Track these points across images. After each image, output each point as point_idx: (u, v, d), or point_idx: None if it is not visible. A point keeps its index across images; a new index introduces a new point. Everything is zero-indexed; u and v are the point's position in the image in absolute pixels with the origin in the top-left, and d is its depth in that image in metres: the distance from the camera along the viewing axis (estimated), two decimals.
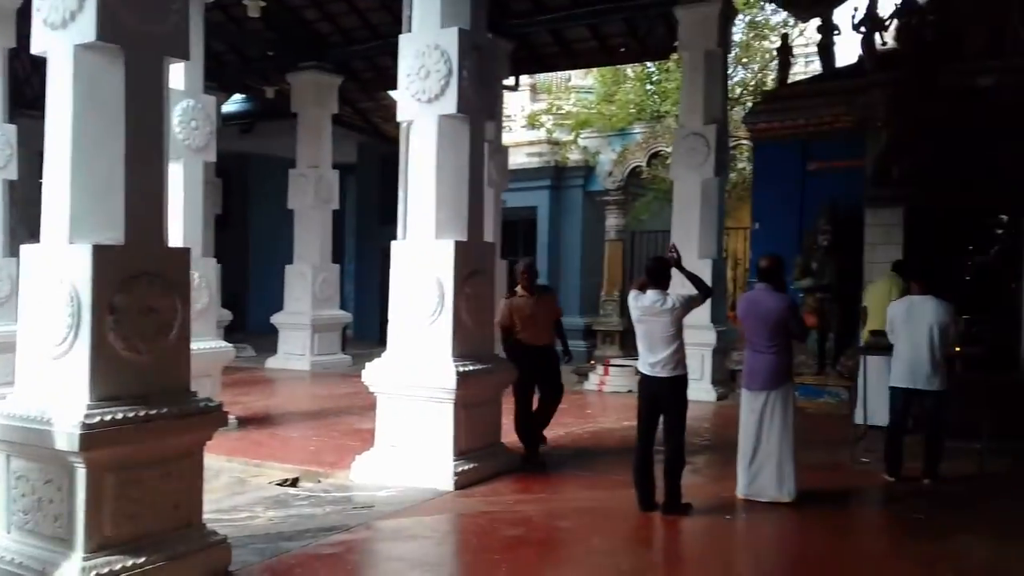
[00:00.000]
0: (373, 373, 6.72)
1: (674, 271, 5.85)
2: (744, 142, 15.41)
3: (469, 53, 6.47)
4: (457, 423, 6.37)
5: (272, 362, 13.97)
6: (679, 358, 5.70)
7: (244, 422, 8.66)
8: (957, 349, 7.09)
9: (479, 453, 6.57)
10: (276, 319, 14.23)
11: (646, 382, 5.76)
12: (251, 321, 18.16)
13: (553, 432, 7.82)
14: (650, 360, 5.70)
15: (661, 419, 5.74)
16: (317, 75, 13.93)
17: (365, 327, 16.97)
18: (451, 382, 6.26)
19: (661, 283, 5.76)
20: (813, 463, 6.69)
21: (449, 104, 6.44)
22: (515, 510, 5.81)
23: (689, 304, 5.77)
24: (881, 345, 7.48)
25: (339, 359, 14.05)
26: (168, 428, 4.12)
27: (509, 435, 7.09)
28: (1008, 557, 4.77)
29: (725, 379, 10.79)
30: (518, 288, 7.40)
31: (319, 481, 6.58)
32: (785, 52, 11.44)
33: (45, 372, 4.04)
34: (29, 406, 3.98)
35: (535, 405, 7.30)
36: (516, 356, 7.16)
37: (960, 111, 9.29)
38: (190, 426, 4.27)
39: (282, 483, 6.52)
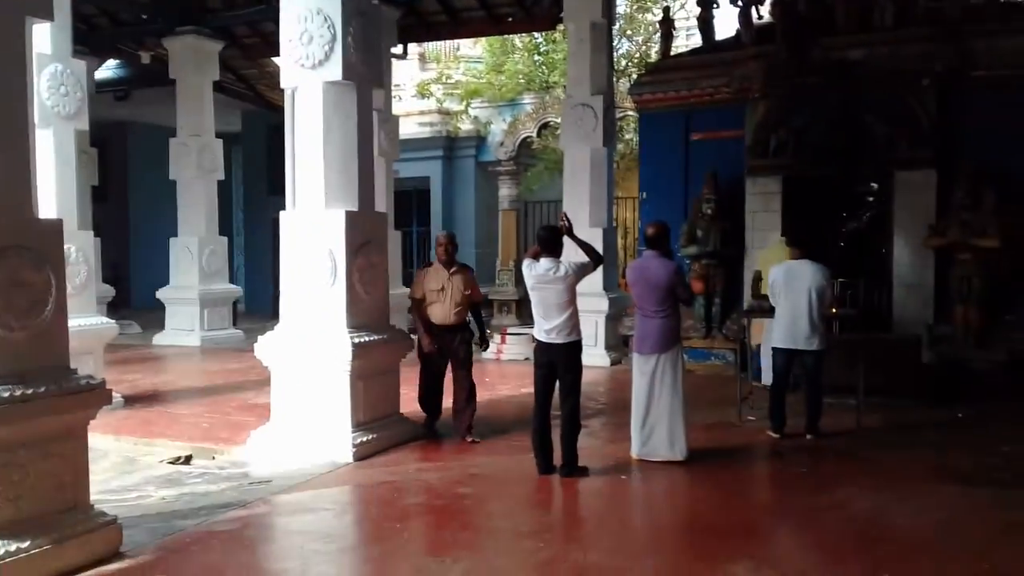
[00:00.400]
0: (266, 346, 6.60)
1: (567, 239, 5.95)
2: (631, 113, 15.70)
3: (354, 18, 6.37)
4: (354, 394, 6.34)
5: (159, 339, 13.48)
6: (573, 324, 5.81)
7: (131, 400, 8.35)
8: (833, 311, 7.49)
9: (378, 424, 6.55)
10: (162, 294, 13.72)
11: (542, 348, 5.85)
12: (136, 297, 17.48)
13: (448, 400, 7.89)
14: (545, 327, 5.79)
15: (557, 384, 5.86)
16: (196, 40, 13.38)
17: (257, 301, 16.58)
18: (347, 353, 6.21)
19: (554, 251, 5.85)
20: (702, 422, 6.99)
21: (334, 70, 6.33)
22: (416, 479, 5.83)
23: (582, 271, 5.88)
24: (764, 308, 7.82)
25: (230, 334, 13.68)
26: (47, 407, 3.96)
27: (411, 404, 7.08)
28: (887, 504, 5.06)
29: (618, 344, 11.05)
30: (434, 259, 7.14)
31: (213, 458, 6.43)
32: (667, 24, 11.66)
33: None
34: None
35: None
36: (425, 331, 6.90)
37: (832, 83, 9.73)
38: (71, 405, 4.10)
39: (174, 461, 6.34)
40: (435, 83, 17.20)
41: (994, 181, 8.96)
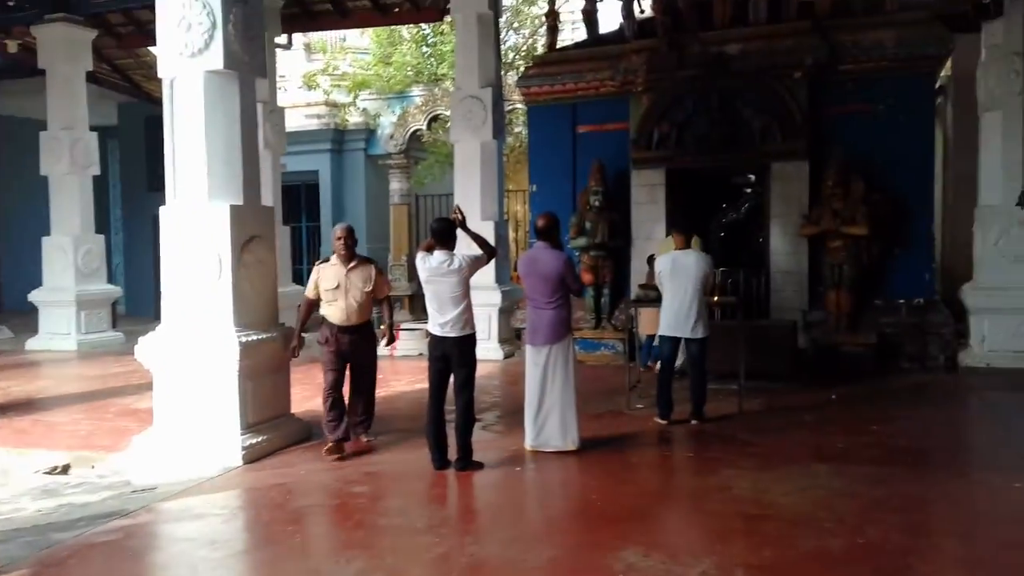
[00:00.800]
0: (148, 348, 6.37)
1: (460, 233, 5.96)
2: (519, 106, 15.82)
3: (234, 5, 6.20)
4: (243, 395, 6.19)
5: (33, 343, 12.77)
6: (467, 318, 5.83)
7: (3, 409, 7.91)
8: (715, 299, 7.77)
9: (268, 425, 6.42)
10: (35, 296, 12.99)
11: (436, 342, 5.85)
12: (6, 300, 16.49)
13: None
14: (440, 320, 5.79)
15: (451, 378, 5.87)
16: (67, 28, 12.69)
17: (138, 302, 15.92)
18: (234, 353, 6.06)
19: (448, 244, 5.85)
20: (594, 412, 7.15)
21: (215, 59, 6.16)
22: (309, 480, 5.74)
23: (475, 264, 5.91)
24: (650, 297, 8.04)
25: (110, 337, 13.09)
26: None
27: (302, 404, 6.95)
28: (767, 484, 5.28)
29: (511, 338, 11.14)
30: (332, 255, 6.46)
31: (93, 467, 6.14)
32: (553, 17, 11.80)
33: None
34: None
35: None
36: (297, 333, 6.49)
37: (711, 77, 10.06)
38: None
39: (51, 471, 6.03)
40: (321, 74, 16.88)
41: (861, 170, 9.47)
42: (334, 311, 6.32)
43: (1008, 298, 9.12)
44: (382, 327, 6.84)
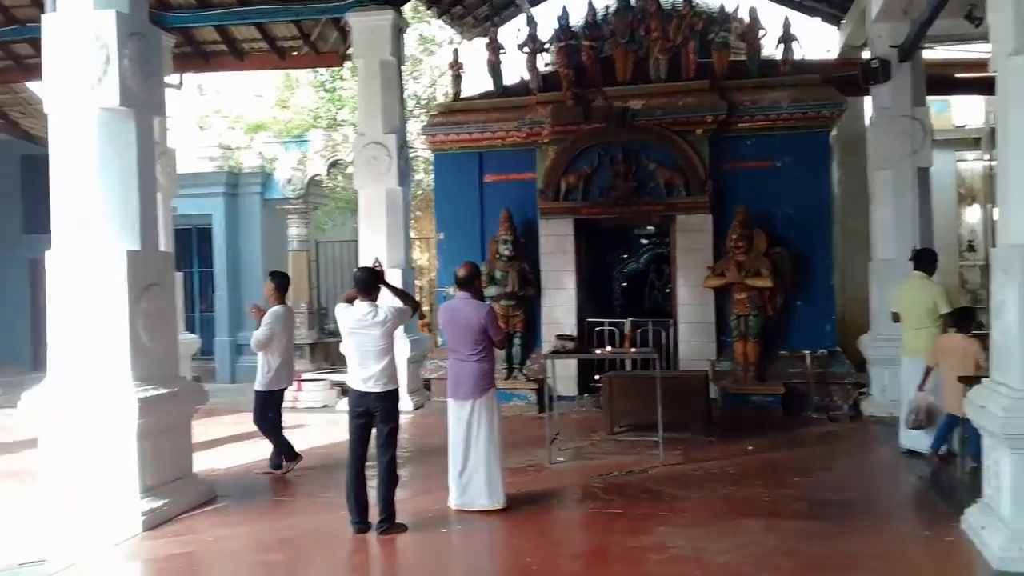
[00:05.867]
0: (34, 404, 5.81)
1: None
2: (421, 154, 15.70)
3: (130, 39, 5.86)
4: (142, 456, 5.71)
5: None
6: (392, 372, 5.59)
7: None
8: (632, 350, 7.74)
9: (169, 487, 5.94)
10: None
11: (357, 397, 5.56)
12: None
13: (244, 455, 7.36)
14: (362, 375, 5.52)
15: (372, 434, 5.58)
16: None
17: (12, 351, 14.71)
18: (133, 410, 5.60)
19: (371, 294, 5.61)
20: (514, 466, 6.93)
21: (110, 96, 5.79)
22: (217, 548, 5.32)
23: (400, 316, 5.70)
24: (567, 348, 7.96)
25: None
26: None
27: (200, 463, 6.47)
28: (702, 542, 5.16)
29: (420, 388, 10.85)
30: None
31: None
32: (457, 66, 11.79)
33: None
34: None
35: None
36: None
37: (616, 130, 10.22)
38: None
39: None
40: (216, 114, 16.32)
41: (763, 224, 9.74)
42: None
43: None
44: None
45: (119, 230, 5.95)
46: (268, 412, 7.26)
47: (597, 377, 9.44)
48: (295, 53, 13.35)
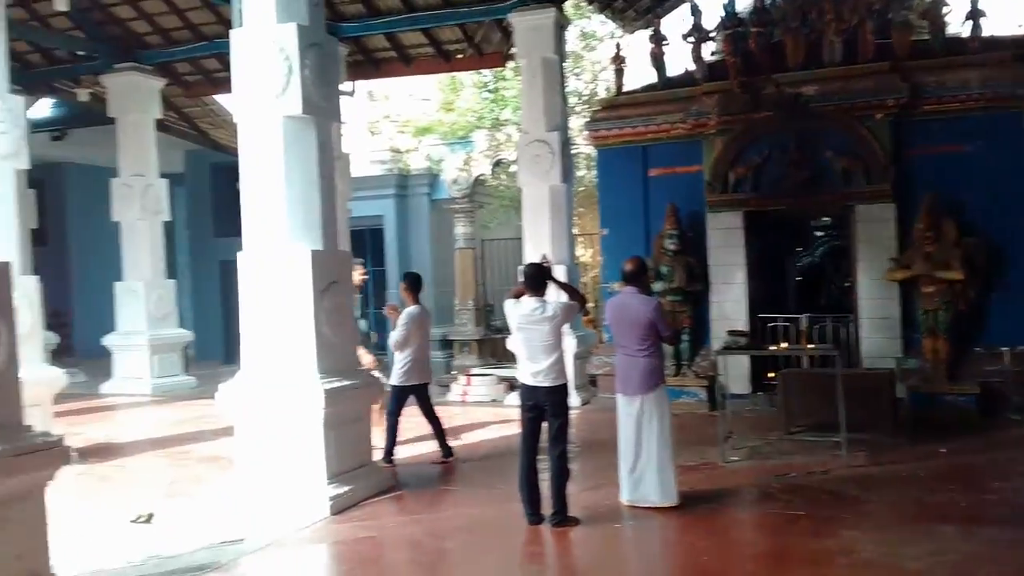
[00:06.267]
0: (229, 396, 6.21)
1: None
2: (582, 151, 15.68)
3: (309, 50, 6.13)
4: (328, 444, 5.99)
5: (108, 387, 12.81)
6: (560, 367, 5.58)
7: (84, 454, 7.81)
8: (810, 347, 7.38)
9: (353, 474, 6.21)
10: (109, 340, 13.08)
11: (528, 392, 5.60)
12: (79, 343, 16.67)
13: (423, 446, 7.57)
14: (532, 369, 5.55)
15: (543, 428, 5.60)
16: (135, 77, 12.96)
17: (207, 346, 15.93)
18: (319, 400, 5.87)
19: (539, 290, 5.63)
20: (687, 463, 6.76)
21: (293, 105, 6.08)
22: (398, 533, 5.51)
23: (569, 312, 5.68)
24: (739, 344, 7.72)
25: (182, 381, 13.08)
26: (3, 469, 3.53)
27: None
28: (894, 547, 4.84)
29: (586, 384, 10.84)
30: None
31: (178, 515, 5.97)
32: (619, 60, 11.68)
33: None
34: None
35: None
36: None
37: (787, 118, 9.80)
38: (28, 465, 3.67)
39: (136, 520, 5.87)
40: (385, 120, 16.99)
41: (952, 213, 9.09)
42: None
43: None
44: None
45: (303, 231, 6.25)
46: (399, 406, 7.42)
47: (772, 375, 9.08)
48: (460, 56, 13.66)
